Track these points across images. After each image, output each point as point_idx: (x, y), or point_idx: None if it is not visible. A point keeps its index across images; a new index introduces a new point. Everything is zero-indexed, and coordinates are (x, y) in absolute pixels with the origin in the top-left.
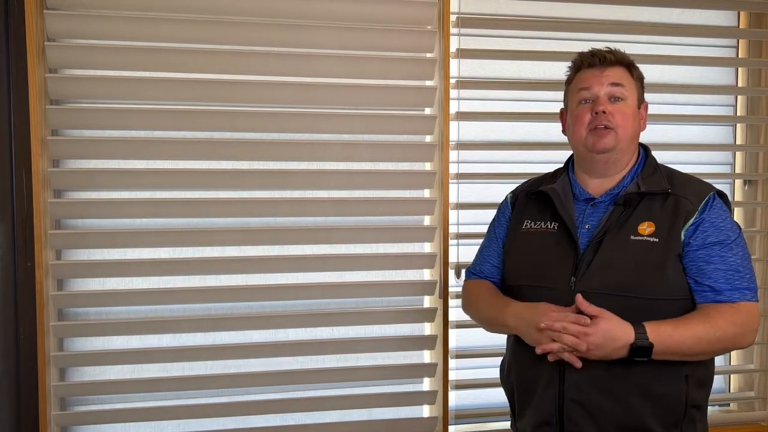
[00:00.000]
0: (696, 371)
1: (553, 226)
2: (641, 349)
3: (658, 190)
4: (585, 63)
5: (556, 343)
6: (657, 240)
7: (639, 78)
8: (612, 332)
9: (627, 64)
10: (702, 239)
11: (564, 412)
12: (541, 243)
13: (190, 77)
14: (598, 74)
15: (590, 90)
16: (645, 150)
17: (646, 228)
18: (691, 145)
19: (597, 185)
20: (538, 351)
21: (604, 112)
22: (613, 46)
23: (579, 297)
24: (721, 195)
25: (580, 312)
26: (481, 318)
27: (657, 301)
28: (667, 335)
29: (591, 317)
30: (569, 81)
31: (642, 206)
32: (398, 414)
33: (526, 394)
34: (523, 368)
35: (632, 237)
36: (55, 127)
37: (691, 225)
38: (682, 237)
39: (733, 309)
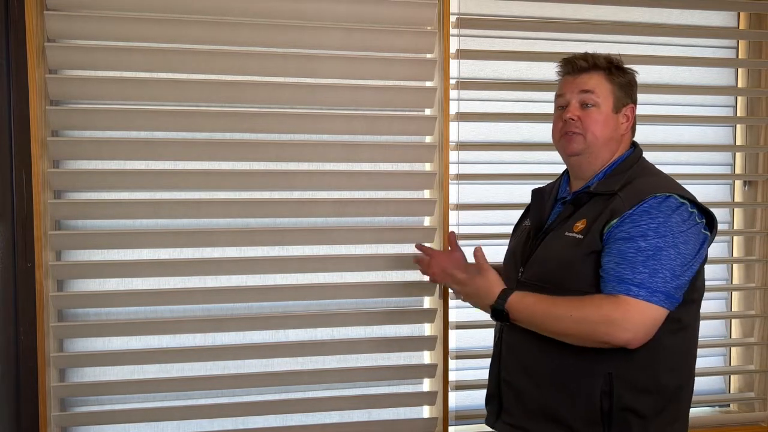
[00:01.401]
0: (626, 372)
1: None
2: (497, 311)
3: (603, 191)
4: (562, 70)
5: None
6: (582, 237)
7: (620, 83)
8: (481, 290)
9: (604, 68)
10: (614, 234)
11: (501, 390)
12: (519, 238)
13: (191, 78)
14: (570, 81)
15: (564, 97)
16: (634, 150)
17: (579, 225)
18: (691, 146)
19: (576, 186)
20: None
21: (572, 120)
22: (612, 47)
23: (477, 248)
24: (690, 200)
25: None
26: None
27: (572, 292)
28: (526, 306)
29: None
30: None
31: (588, 205)
32: (398, 415)
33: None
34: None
35: (566, 234)
36: (55, 127)
37: (616, 223)
38: (604, 234)
39: (607, 298)
